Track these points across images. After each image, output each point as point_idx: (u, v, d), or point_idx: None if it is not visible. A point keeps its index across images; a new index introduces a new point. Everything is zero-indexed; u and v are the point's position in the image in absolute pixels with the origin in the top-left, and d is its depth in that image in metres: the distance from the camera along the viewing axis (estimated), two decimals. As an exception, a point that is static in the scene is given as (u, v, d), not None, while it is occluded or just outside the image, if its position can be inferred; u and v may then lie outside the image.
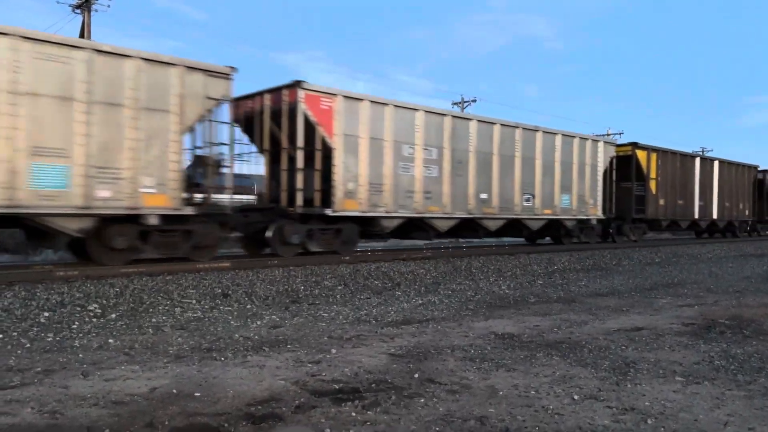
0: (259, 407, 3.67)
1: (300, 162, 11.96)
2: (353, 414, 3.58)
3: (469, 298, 8.62)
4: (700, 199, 24.29)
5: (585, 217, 18.65)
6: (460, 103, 41.58)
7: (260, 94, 12.89)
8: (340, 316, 6.99)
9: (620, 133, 49.33)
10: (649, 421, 3.54)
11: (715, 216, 25.39)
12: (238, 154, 12.69)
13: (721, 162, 25.94)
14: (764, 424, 3.56)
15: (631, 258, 16.02)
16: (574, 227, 18.64)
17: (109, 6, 25.63)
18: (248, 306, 7.61)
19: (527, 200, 16.55)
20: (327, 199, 12.28)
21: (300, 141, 11.91)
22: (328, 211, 12.29)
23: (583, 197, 18.42)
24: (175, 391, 3.96)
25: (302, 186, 11.99)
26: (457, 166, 14.59)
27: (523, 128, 16.45)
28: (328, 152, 12.29)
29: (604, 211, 19.36)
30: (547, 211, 17.23)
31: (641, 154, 21.32)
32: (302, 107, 11.88)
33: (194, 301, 7.70)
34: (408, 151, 13.60)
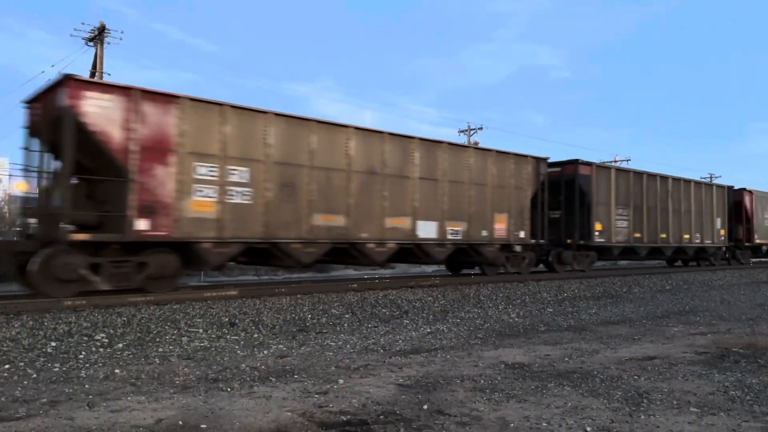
0: (266, 439, 3.62)
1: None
2: (361, 447, 3.52)
3: (478, 327, 8.53)
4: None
5: None
6: (466, 130, 41.81)
7: None
8: (348, 345, 6.92)
9: (627, 160, 49.27)
10: (664, 455, 3.45)
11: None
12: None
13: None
14: (783, 457, 3.47)
15: (641, 285, 15.87)
16: None
17: (121, 38, 26.06)
18: (255, 335, 7.56)
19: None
20: None
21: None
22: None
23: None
24: (181, 422, 3.92)
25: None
26: None
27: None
28: None
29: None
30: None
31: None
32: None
33: (201, 330, 7.66)
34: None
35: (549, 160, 16.96)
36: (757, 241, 26.82)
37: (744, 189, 26.68)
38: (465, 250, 14.69)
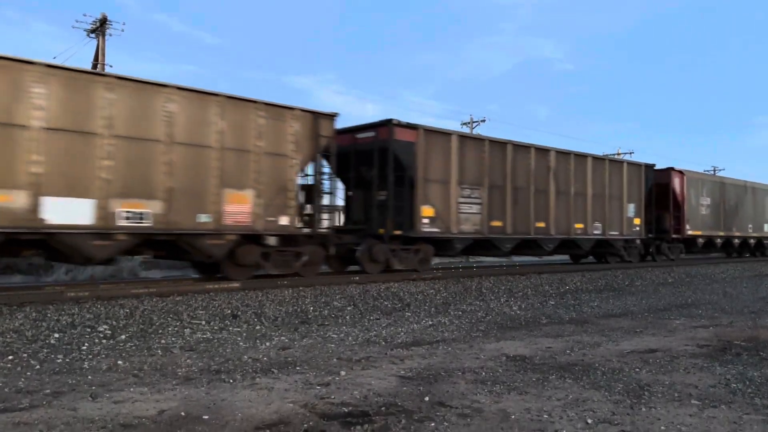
0: (268, 431, 3.63)
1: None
2: (362, 438, 3.53)
3: (480, 319, 8.54)
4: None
5: None
6: (469, 123, 41.72)
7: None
8: (350, 338, 6.94)
9: (631, 153, 49.10)
10: (665, 447, 3.46)
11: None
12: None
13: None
14: (784, 449, 3.47)
15: (644, 278, 15.86)
16: None
17: (123, 30, 26.01)
18: (257, 327, 7.58)
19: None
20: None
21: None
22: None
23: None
24: (183, 413, 3.93)
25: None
26: None
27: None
28: None
29: None
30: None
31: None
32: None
33: (204, 322, 7.69)
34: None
35: (343, 121, 13.03)
36: (690, 232, 21.60)
37: (672, 169, 21.39)
38: (171, 242, 10.04)
